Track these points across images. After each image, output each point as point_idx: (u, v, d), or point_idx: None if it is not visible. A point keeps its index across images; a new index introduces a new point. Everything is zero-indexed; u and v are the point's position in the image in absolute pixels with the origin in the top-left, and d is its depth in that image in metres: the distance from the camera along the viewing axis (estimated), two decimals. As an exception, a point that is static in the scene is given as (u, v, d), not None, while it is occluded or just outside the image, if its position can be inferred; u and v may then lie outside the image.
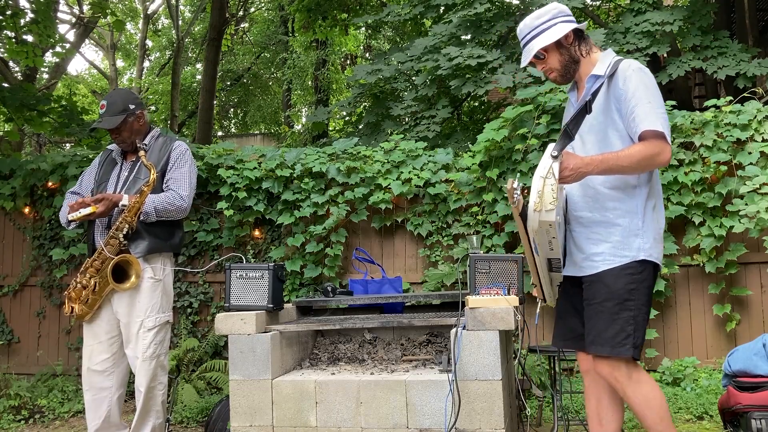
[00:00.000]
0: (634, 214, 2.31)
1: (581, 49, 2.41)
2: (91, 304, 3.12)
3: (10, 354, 5.47)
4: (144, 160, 3.12)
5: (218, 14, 11.95)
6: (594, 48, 2.45)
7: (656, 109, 2.23)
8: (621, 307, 2.27)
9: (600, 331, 2.30)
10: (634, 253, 2.29)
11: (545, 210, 2.08)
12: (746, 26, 7.41)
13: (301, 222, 4.89)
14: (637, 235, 2.30)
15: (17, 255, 5.56)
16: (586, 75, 2.42)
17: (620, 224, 2.31)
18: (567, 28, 2.36)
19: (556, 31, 2.36)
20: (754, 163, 4.19)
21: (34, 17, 7.15)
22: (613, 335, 2.26)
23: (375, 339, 3.44)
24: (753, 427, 3.17)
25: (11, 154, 7.20)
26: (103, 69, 20.86)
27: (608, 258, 2.31)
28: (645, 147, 2.20)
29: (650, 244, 2.31)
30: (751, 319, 4.28)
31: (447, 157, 4.83)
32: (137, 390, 3.14)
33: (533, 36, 2.40)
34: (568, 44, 2.39)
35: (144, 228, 3.14)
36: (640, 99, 2.24)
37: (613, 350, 2.27)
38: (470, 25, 7.26)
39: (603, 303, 2.30)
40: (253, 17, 20.11)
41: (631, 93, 2.26)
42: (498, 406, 2.67)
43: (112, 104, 3.16)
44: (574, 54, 2.41)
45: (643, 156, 2.19)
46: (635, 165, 2.21)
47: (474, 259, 3.01)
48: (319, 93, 16.10)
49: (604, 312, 2.30)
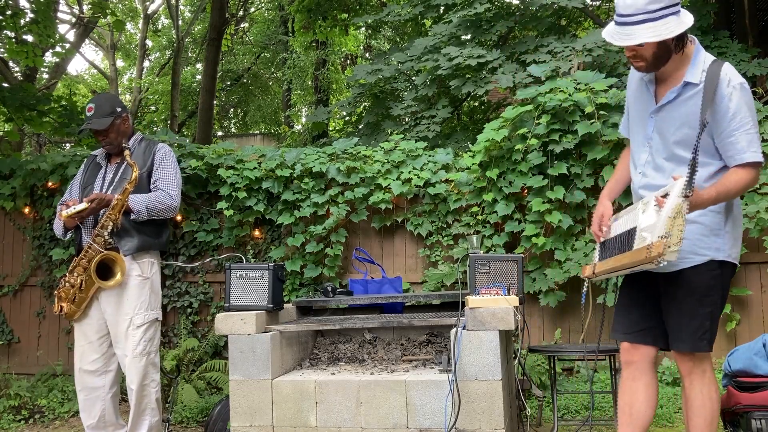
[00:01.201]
0: (716, 212, 2.30)
1: (679, 45, 2.26)
2: (79, 303, 3.15)
3: (10, 354, 5.47)
4: (128, 159, 3.19)
5: (218, 14, 11.95)
6: (688, 42, 2.30)
7: (758, 136, 2.23)
8: (700, 303, 2.29)
9: (679, 326, 2.32)
10: (713, 253, 2.29)
11: (670, 251, 2.02)
12: (746, 26, 7.40)
13: (301, 222, 4.89)
14: (718, 234, 2.30)
15: (17, 255, 5.56)
16: (675, 71, 2.31)
17: (702, 222, 2.30)
18: (678, 29, 2.16)
19: (665, 27, 2.15)
20: (754, 163, 4.18)
21: (34, 17, 7.14)
22: (694, 331, 2.29)
23: (375, 339, 3.44)
24: (753, 427, 3.17)
25: (11, 154, 7.20)
26: (103, 69, 20.86)
27: (688, 255, 2.28)
28: (748, 178, 2.22)
29: (730, 244, 2.32)
30: (751, 319, 4.28)
31: (447, 157, 4.83)
32: (129, 389, 3.17)
33: (639, 21, 2.17)
34: (669, 42, 2.22)
35: (133, 226, 3.19)
36: (743, 123, 2.20)
37: (695, 345, 2.30)
38: (470, 25, 7.27)
39: (684, 299, 2.31)
40: (253, 17, 20.11)
41: (733, 114, 2.19)
42: (498, 406, 2.67)
43: (99, 107, 3.24)
44: (670, 50, 2.25)
45: (748, 186, 2.26)
46: (737, 195, 2.27)
47: (474, 259, 3.01)
48: (319, 93, 16.10)
49: (684, 307, 2.31)
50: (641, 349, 2.45)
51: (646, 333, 2.46)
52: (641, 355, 2.46)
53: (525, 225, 4.45)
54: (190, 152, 5.14)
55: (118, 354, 3.19)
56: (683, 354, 2.36)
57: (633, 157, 2.52)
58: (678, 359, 2.39)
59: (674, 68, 2.31)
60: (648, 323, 2.45)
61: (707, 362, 2.35)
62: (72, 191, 3.44)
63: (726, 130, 2.22)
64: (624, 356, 2.52)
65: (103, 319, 3.21)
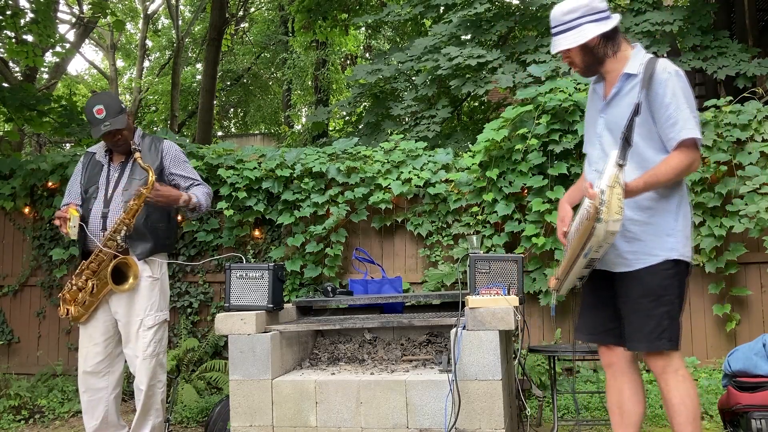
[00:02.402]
0: (668, 213, 2.33)
1: (608, 49, 2.38)
2: (88, 306, 3.12)
3: (10, 354, 5.47)
4: (140, 162, 3.12)
5: (218, 14, 11.95)
6: (624, 45, 2.42)
7: (694, 117, 2.26)
8: (656, 303, 2.30)
9: (637, 328, 2.33)
10: (667, 253, 2.31)
11: (612, 220, 2.08)
12: (746, 26, 7.41)
13: (301, 222, 4.89)
14: (670, 234, 2.32)
15: (17, 255, 5.56)
16: (616, 71, 2.41)
17: (654, 223, 2.33)
18: (592, 33, 2.33)
19: (581, 33, 2.33)
20: (754, 163, 4.19)
21: (34, 17, 7.14)
22: (650, 331, 2.30)
23: (375, 339, 3.44)
24: (753, 427, 3.17)
25: (11, 154, 7.19)
26: (103, 69, 20.86)
27: (642, 257, 2.32)
28: (682, 158, 2.25)
29: (682, 243, 2.33)
30: (751, 319, 4.28)
31: (447, 157, 4.83)
32: (137, 389, 3.14)
33: (559, 32, 2.38)
34: (593, 46, 2.37)
35: (147, 230, 3.16)
36: (679, 105, 2.25)
37: (651, 345, 2.31)
38: (470, 25, 7.27)
39: (639, 300, 2.33)
40: (253, 17, 20.11)
41: (670, 98, 2.26)
42: (498, 406, 2.67)
43: (109, 106, 3.15)
44: (599, 55, 2.39)
45: (680, 170, 2.26)
46: (674, 178, 2.28)
47: (474, 259, 3.01)
48: (319, 93, 16.11)
49: (640, 309, 2.32)
50: (616, 351, 2.48)
51: (610, 333, 2.48)
52: (618, 356, 2.48)
53: (525, 225, 4.45)
54: (190, 152, 5.13)
55: (129, 354, 3.16)
56: (650, 355, 2.35)
57: (588, 159, 2.55)
58: (648, 361, 2.39)
59: (614, 69, 2.41)
60: (613, 323, 2.46)
61: (677, 360, 2.33)
62: (71, 192, 3.33)
63: (664, 115, 2.28)
64: (603, 359, 2.55)
65: (110, 320, 3.18)
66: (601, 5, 2.36)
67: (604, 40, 2.37)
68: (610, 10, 2.40)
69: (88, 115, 3.16)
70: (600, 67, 2.42)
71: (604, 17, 2.35)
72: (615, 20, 2.36)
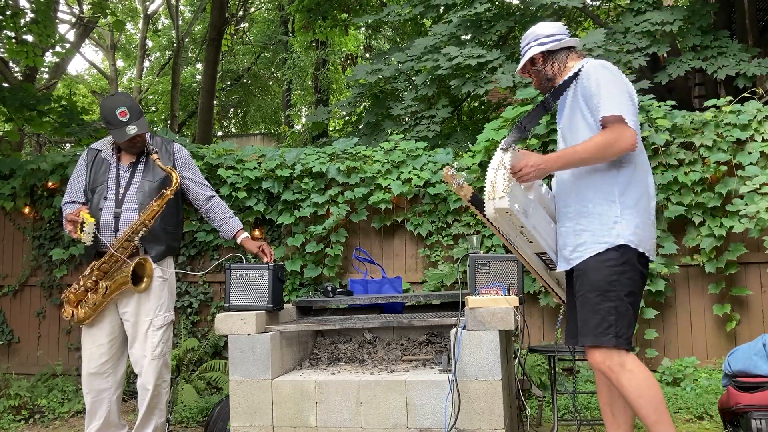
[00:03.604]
0: (612, 202, 2.37)
1: (553, 68, 2.57)
2: (97, 307, 3.10)
3: (10, 354, 5.47)
4: (160, 165, 3.13)
5: (218, 14, 11.95)
6: (571, 60, 2.56)
7: (615, 96, 2.32)
8: (602, 298, 2.32)
9: (583, 321, 2.37)
10: (613, 239, 2.34)
11: (498, 198, 2.25)
12: (746, 26, 7.40)
13: (301, 222, 4.89)
14: (616, 222, 2.35)
15: (17, 255, 5.56)
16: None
17: (598, 212, 2.38)
18: (531, 54, 2.57)
19: (525, 57, 2.59)
20: (754, 163, 4.19)
21: (34, 17, 7.14)
22: (596, 325, 2.32)
23: (375, 339, 3.44)
24: (753, 427, 3.17)
25: (11, 154, 7.20)
26: (103, 69, 20.86)
27: (590, 246, 2.37)
28: (602, 136, 2.31)
29: (631, 231, 2.34)
30: (751, 319, 4.28)
31: (447, 157, 4.83)
32: (143, 388, 3.13)
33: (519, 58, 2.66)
34: (538, 67, 2.58)
35: (162, 232, 3.17)
36: (600, 90, 2.35)
37: (596, 340, 2.32)
38: (470, 25, 7.27)
39: (586, 294, 2.37)
40: (253, 17, 20.11)
41: (594, 87, 2.36)
42: (498, 406, 2.67)
43: (131, 108, 3.08)
44: (545, 73, 2.59)
45: (600, 145, 2.30)
46: (595, 155, 2.32)
47: (474, 259, 3.01)
48: (319, 93, 16.10)
49: (587, 303, 2.36)
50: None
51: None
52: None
53: (525, 225, 4.44)
54: (190, 152, 5.11)
55: (136, 355, 3.14)
56: (593, 348, 2.35)
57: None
58: (590, 358, 2.39)
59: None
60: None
61: (624, 356, 2.31)
62: (73, 190, 3.27)
63: (592, 101, 2.36)
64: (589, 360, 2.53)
65: (116, 321, 3.17)
66: (549, 31, 2.58)
67: (548, 59, 2.57)
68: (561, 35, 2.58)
69: (108, 117, 3.07)
70: (552, 83, 2.58)
71: (549, 41, 2.56)
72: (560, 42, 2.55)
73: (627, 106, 2.31)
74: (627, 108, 2.31)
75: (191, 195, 3.38)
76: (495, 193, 2.25)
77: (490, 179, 2.28)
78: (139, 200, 3.13)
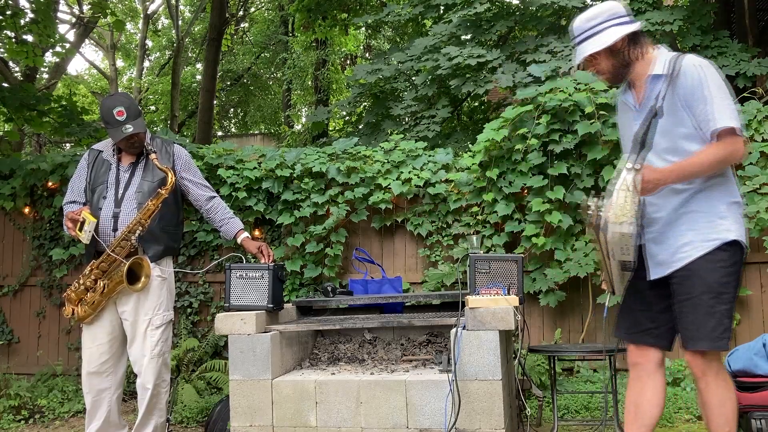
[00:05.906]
0: (715, 199, 2.31)
1: (634, 52, 2.37)
2: (96, 306, 3.11)
3: (10, 354, 5.47)
4: (158, 164, 3.13)
5: (218, 14, 11.95)
6: (649, 48, 2.40)
7: (729, 105, 2.24)
8: (717, 301, 2.26)
9: (699, 325, 2.28)
10: (723, 234, 2.28)
11: (626, 223, 2.18)
12: (746, 26, 7.40)
13: (301, 222, 4.89)
14: (723, 217, 2.30)
15: (17, 255, 5.56)
16: (643, 75, 2.39)
17: (702, 210, 2.31)
18: (618, 34, 2.33)
19: (607, 36, 2.33)
20: (754, 163, 4.19)
21: (34, 17, 7.14)
22: (712, 329, 2.26)
23: (375, 339, 3.44)
24: (753, 427, 3.18)
25: (11, 154, 7.19)
26: (103, 69, 20.85)
27: (698, 244, 2.30)
28: (718, 149, 2.23)
29: (736, 226, 2.31)
30: (751, 319, 4.28)
31: (447, 157, 4.83)
32: (143, 388, 3.13)
33: (584, 38, 2.38)
34: (619, 49, 2.36)
35: (162, 233, 3.17)
36: (712, 99, 2.23)
37: (713, 344, 2.27)
38: (470, 25, 7.27)
39: (700, 297, 2.28)
40: (253, 17, 20.10)
41: (701, 91, 2.25)
42: (498, 406, 2.67)
43: (129, 108, 3.10)
44: (626, 58, 2.38)
45: (717, 159, 2.24)
46: (710, 168, 2.26)
47: (474, 259, 3.01)
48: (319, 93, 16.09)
49: (700, 306, 2.28)
50: (646, 351, 2.47)
51: (647, 334, 2.46)
52: (647, 358, 2.47)
53: (525, 225, 4.45)
54: (190, 152, 5.11)
55: (135, 354, 3.15)
56: (695, 355, 2.31)
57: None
58: (690, 361, 2.35)
59: (641, 72, 2.40)
60: (653, 323, 2.45)
61: (719, 361, 2.33)
62: (74, 190, 3.29)
63: (699, 109, 2.26)
64: (630, 358, 2.53)
65: (116, 321, 3.17)
66: (622, 10, 2.37)
67: (629, 42, 2.36)
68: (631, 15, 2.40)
69: (106, 116, 3.09)
70: (627, 71, 2.40)
71: (628, 21, 2.36)
72: (639, 24, 2.37)
73: (737, 115, 2.24)
74: (737, 117, 2.24)
75: (191, 196, 3.39)
76: (623, 218, 2.17)
77: (619, 203, 2.17)
78: (138, 200, 3.14)
